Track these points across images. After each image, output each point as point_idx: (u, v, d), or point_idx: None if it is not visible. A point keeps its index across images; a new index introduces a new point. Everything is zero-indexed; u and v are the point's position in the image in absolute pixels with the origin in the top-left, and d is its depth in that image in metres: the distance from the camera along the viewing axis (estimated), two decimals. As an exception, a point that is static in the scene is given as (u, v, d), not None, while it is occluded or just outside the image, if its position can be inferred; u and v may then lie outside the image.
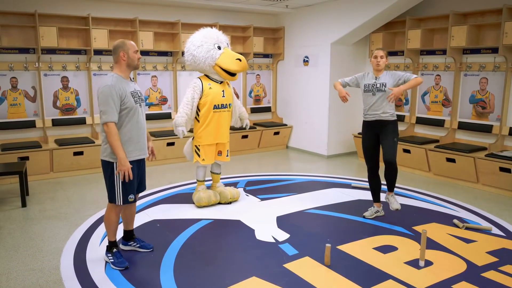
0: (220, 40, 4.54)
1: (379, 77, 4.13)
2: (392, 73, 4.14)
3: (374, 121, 4.15)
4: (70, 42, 6.24)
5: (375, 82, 4.12)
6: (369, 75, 4.21)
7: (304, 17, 7.50)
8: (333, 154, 7.43)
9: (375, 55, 4.14)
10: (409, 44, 6.39)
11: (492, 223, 4.26)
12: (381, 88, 4.07)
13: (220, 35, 4.59)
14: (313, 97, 7.48)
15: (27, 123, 6.09)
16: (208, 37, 4.48)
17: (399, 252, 3.55)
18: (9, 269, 3.27)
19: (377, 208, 4.37)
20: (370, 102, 4.13)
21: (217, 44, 4.49)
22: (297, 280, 3.08)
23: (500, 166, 5.18)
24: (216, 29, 4.66)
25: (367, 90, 4.15)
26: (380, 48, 4.18)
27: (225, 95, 4.60)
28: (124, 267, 3.23)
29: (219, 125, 4.58)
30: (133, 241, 3.56)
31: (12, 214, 4.49)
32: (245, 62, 4.55)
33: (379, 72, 4.14)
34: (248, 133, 7.47)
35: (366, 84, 4.17)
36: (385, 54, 4.12)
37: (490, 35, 5.74)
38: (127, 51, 3.15)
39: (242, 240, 3.82)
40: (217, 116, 4.56)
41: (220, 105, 4.55)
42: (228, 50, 4.57)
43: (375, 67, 4.13)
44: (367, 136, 4.26)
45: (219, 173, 4.90)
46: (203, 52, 4.43)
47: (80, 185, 5.57)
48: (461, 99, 6.16)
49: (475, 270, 3.23)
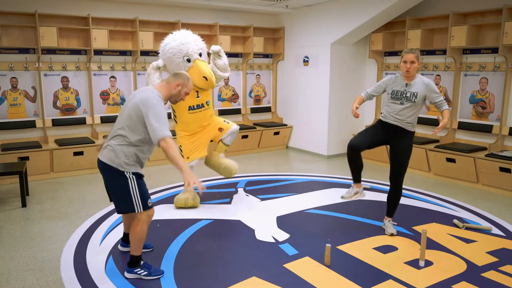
0: (191, 51, 4.29)
1: (410, 85, 3.63)
2: (427, 83, 3.63)
3: (391, 124, 3.72)
4: (70, 42, 6.24)
5: (405, 90, 3.64)
6: (399, 80, 3.71)
7: (304, 17, 7.50)
8: (333, 154, 7.43)
9: (405, 59, 3.58)
10: (409, 44, 6.39)
11: (492, 223, 4.26)
12: (411, 99, 3.60)
13: (191, 43, 4.32)
14: (313, 97, 7.48)
15: (27, 123, 6.09)
16: (177, 49, 4.26)
17: (399, 252, 3.55)
18: (9, 269, 3.27)
19: (357, 189, 3.92)
20: (395, 109, 3.68)
21: (186, 56, 4.29)
22: (297, 280, 3.08)
23: (500, 166, 5.18)
24: (190, 32, 4.46)
25: (395, 98, 3.68)
26: (410, 51, 3.59)
27: (199, 95, 4.44)
28: (161, 273, 3.12)
29: (198, 123, 4.53)
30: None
31: (12, 214, 4.49)
32: (211, 81, 4.32)
33: (410, 79, 3.65)
34: (248, 133, 7.47)
35: (395, 91, 3.69)
36: (416, 58, 3.56)
37: (490, 35, 5.74)
38: (184, 86, 3.08)
39: (242, 240, 3.82)
40: (194, 117, 4.49)
41: (195, 106, 4.46)
42: (198, 63, 4.31)
43: (405, 74, 3.63)
44: (377, 127, 3.84)
45: (227, 145, 4.73)
46: (172, 65, 4.32)
47: (80, 185, 5.57)
48: (461, 99, 6.16)
49: (475, 270, 3.23)
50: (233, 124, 4.73)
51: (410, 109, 3.63)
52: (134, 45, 6.60)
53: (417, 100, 3.60)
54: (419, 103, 3.63)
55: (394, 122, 3.69)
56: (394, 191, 3.83)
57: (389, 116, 3.73)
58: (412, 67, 3.56)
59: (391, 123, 3.71)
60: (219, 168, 4.75)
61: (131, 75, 6.85)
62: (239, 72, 7.92)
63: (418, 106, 3.66)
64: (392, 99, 3.71)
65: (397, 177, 3.76)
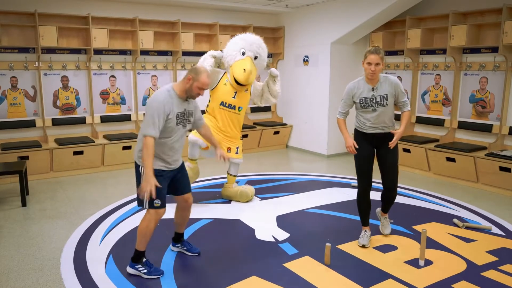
0: (251, 49, 4.61)
1: (376, 88, 3.39)
2: (395, 82, 3.42)
3: (374, 134, 3.50)
4: (70, 41, 6.24)
5: (373, 96, 3.39)
6: (363, 86, 3.43)
7: (304, 16, 7.50)
8: (333, 153, 7.42)
9: (369, 61, 3.29)
10: (409, 44, 6.39)
11: (492, 222, 4.26)
12: (383, 103, 3.38)
13: (255, 43, 4.66)
14: (313, 96, 7.48)
15: (27, 122, 6.09)
16: (243, 40, 4.63)
17: (399, 251, 3.55)
18: (9, 269, 3.27)
19: (369, 232, 3.74)
20: (370, 118, 3.44)
21: (243, 49, 4.59)
22: (297, 279, 3.08)
23: (500, 165, 5.18)
24: (259, 37, 4.76)
25: (365, 105, 3.42)
26: (375, 51, 3.29)
27: (236, 97, 4.63)
28: (161, 273, 3.12)
29: (225, 122, 4.66)
30: (180, 244, 3.51)
31: (12, 214, 4.49)
32: (247, 75, 4.47)
33: (374, 81, 3.39)
34: (248, 133, 7.47)
35: (363, 98, 3.41)
36: (381, 59, 3.28)
37: (490, 34, 5.73)
38: (195, 80, 3.00)
39: (242, 239, 3.83)
40: (223, 114, 4.64)
41: (227, 104, 4.62)
42: (248, 59, 4.56)
43: (369, 76, 3.35)
44: (363, 146, 3.52)
45: (234, 175, 4.90)
46: (230, 51, 4.63)
47: (80, 185, 5.57)
48: (461, 98, 6.16)
49: (475, 270, 3.23)
50: (241, 156, 4.85)
51: (385, 113, 3.42)
52: (134, 44, 6.60)
53: (389, 101, 3.40)
54: (391, 104, 3.43)
55: (376, 131, 3.47)
56: (393, 192, 3.68)
57: (366, 127, 3.49)
58: (377, 69, 3.28)
59: (374, 133, 3.49)
60: (236, 196, 4.81)
61: (131, 74, 6.84)
62: (239, 72, 7.92)
63: (391, 107, 3.47)
64: (362, 107, 3.44)
65: (394, 178, 3.64)
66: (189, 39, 6.91)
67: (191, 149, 4.70)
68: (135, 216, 4.35)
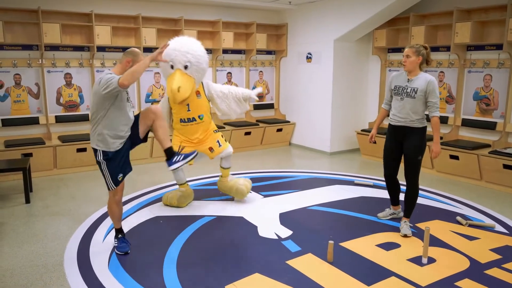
0: (177, 59, 4.09)
1: (412, 80, 3.61)
2: (429, 80, 3.58)
3: (398, 127, 3.73)
4: (73, 38, 6.25)
5: (406, 86, 3.62)
6: (403, 75, 3.71)
7: (307, 13, 7.48)
8: (336, 151, 7.42)
9: (403, 53, 3.64)
10: (412, 41, 6.36)
11: (496, 220, 4.24)
12: (411, 94, 3.58)
13: (180, 51, 4.11)
14: (316, 94, 7.47)
15: (30, 119, 6.11)
16: (172, 49, 4.08)
17: (402, 249, 3.54)
18: (13, 265, 3.28)
19: (394, 210, 4.14)
20: (397, 107, 3.69)
21: (171, 62, 4.12)
22: (300, 276, 3.08)
23: (504, 163, 5.16)
24: (186, 40, 4.32)
25: (396, 93, 3.68)
26: (410, 45, 3.63)
27: (190, 108, 4.30)
28: (124, 252, 3.41)
29: (194, 133, 4.42)
30: (176, 156, 3.50)
31: (15, 211, 4.51)
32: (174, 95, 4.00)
33: (413, 74, 3.62)
34: (251, 130, 7.47)
35: (397, 86, 3.68)
36: (413, 53, 3.55)
37: (494, 31, 5.70)
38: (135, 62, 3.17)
39: (245, 236, 3.83)
40: (188, 128, 4.40)
41: (186, 119, 4.35)
42: (177, 73, 4.08)
43: (404, 67, 3.67)
44: (388, 138, 3.86)
45: (228, 168, 4.73)
46: (163, 64, 4.23)
47: (84, 182, 5.59)
48: (465, 96, 6.14)
49: (478, 268, 3.23)
50: (226, 147, 4.58)
51: (411, 106, 3.61)
52: (137, 41, 6.60)
53: (417, 95, 3.57)
54: (419, 99, 3.59)
55: (401, 123, 3.71)
56: (409, 190, 3.80)
57: (392, 117, 3.77)
58: (408, 61, 3.58)
59: (398, 126, 3.73)
60: (231, 192, 4.69)
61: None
62: (242, 69, 7.91)
63: (419, 102, 3.61)
64: (395, 95, 3.73)
65: (410, 176, 3.75)
66: (192, 36, 6.88)
67: (175, 175, 4.58)
68: (138, 213, 4.37)
